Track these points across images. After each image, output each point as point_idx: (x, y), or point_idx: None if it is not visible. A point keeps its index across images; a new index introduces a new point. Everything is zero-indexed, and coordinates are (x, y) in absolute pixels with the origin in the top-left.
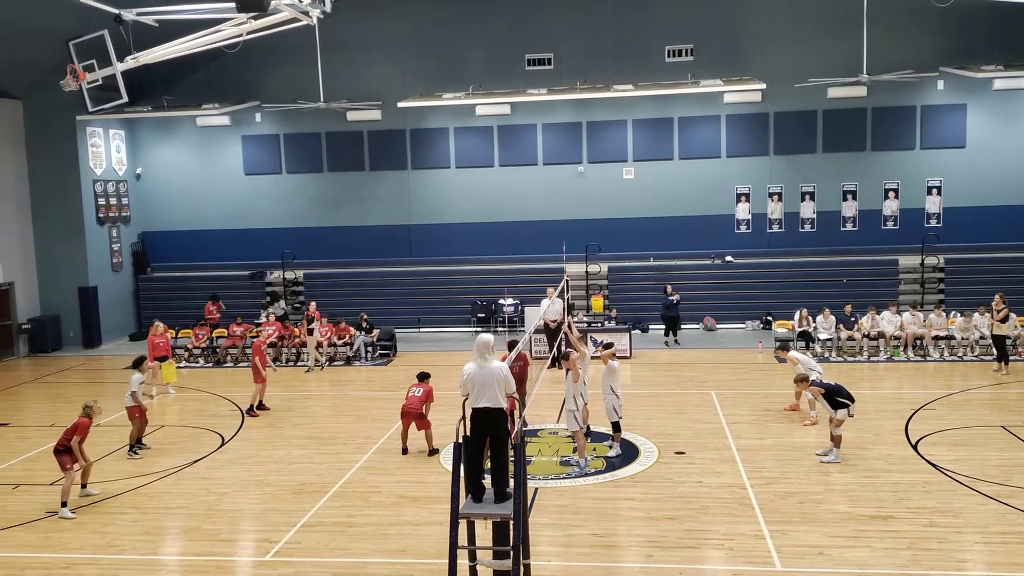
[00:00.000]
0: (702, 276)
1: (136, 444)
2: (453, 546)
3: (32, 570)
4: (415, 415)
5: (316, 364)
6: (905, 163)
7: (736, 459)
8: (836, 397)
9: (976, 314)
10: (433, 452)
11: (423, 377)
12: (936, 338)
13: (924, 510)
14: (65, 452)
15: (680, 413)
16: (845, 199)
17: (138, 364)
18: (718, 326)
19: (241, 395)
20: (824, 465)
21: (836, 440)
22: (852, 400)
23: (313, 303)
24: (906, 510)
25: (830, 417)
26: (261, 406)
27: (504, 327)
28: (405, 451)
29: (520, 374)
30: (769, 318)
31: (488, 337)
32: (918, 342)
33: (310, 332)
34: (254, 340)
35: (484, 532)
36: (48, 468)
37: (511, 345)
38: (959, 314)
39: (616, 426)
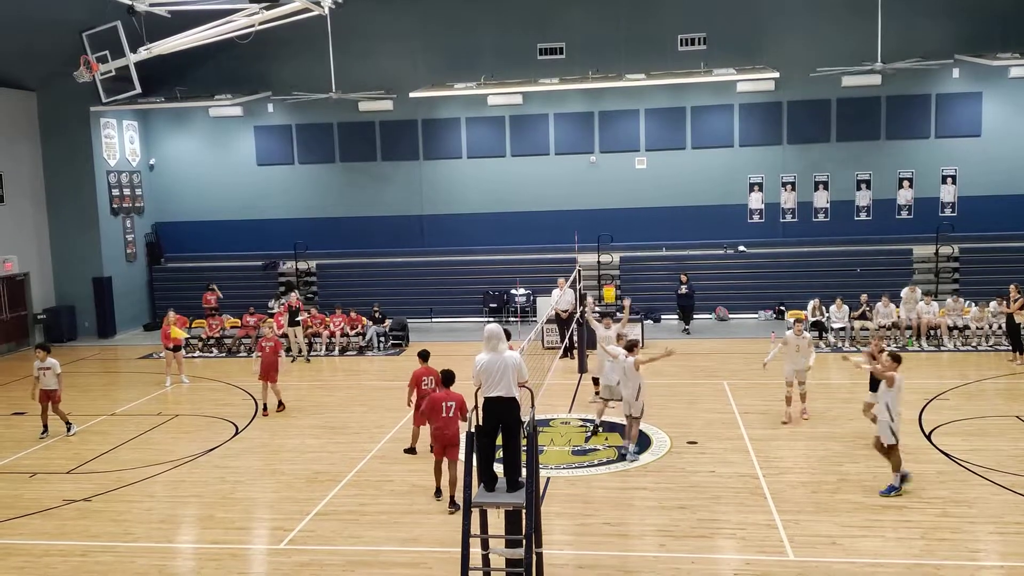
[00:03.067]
0: (715, 266)
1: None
2: (466, 534)
3: (49, 557)
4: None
5: (299, 354)
6: (920, 152)
7: (748, 448)
8: None
9: (993, 303)
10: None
11: (425, 356)
12: (951, 328)
13: (938, 500)
14: None
15: (692, 403)
16: (859, 188)
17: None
18: (730, 316)
19: (255, 385)
20: (837, 455)
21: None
22: None
23: (294, 293)
24: (920, 500)
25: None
26: (273, 404)
27: (516, 317)
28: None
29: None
30: (782, 308)
31: (497, 327)
32: (932, 332)
33: (295, 323)
34: (264, 336)
35: (496, 521)
36: (64, 456)
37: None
38: (973, 304)
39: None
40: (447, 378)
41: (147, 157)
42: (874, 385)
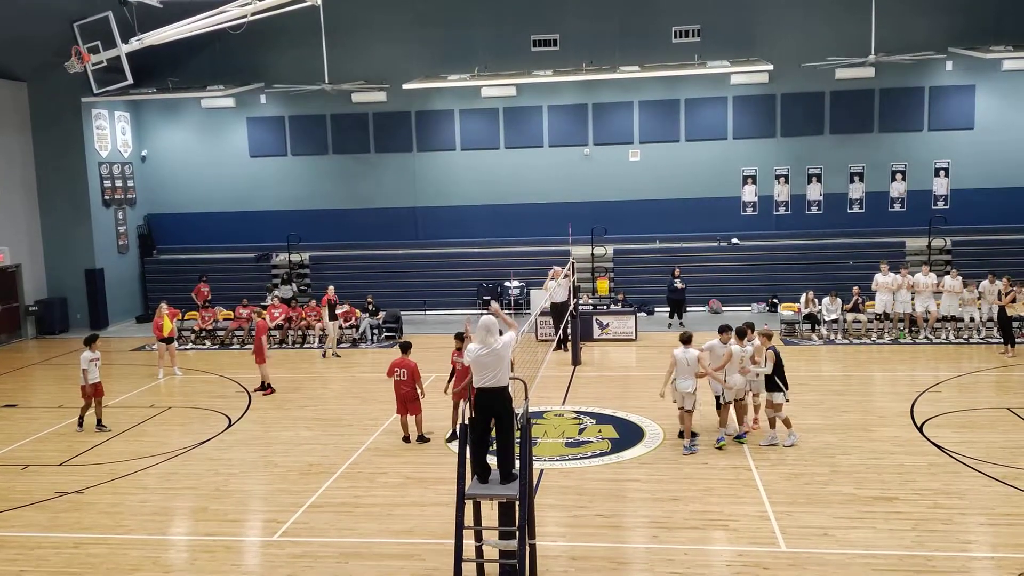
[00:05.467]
0: (708, 258)
1: (81, 421)
2: (459, 526)
3: (41, 550)
4: (410, 398)
5: (336, 346)
6: (913, 145)
7: None
8: (777, 377)
9: (985, 281)
10: (423, 439)
11: (405, 348)
12: (943, 319)
13: (929, 492)
14: None
15: None
16: (852, 181)
17: (89, 342)
18: (724, 309)
19: (248, 377)
20: (829, 447)
21: (773, 422)
22: (787, 387)
23: (331, 287)
24: (911, 492)
25: (768, 401)
26: (267, 386)
27: (510, 309)
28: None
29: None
30: (775, 301)
31: (491, 319)
32: (924, 323)
33: (335, 317)
34: (258, 321)
35: (490, 513)
36: (56, 448)
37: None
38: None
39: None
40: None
41: (139, 148)
42: (771, 384)
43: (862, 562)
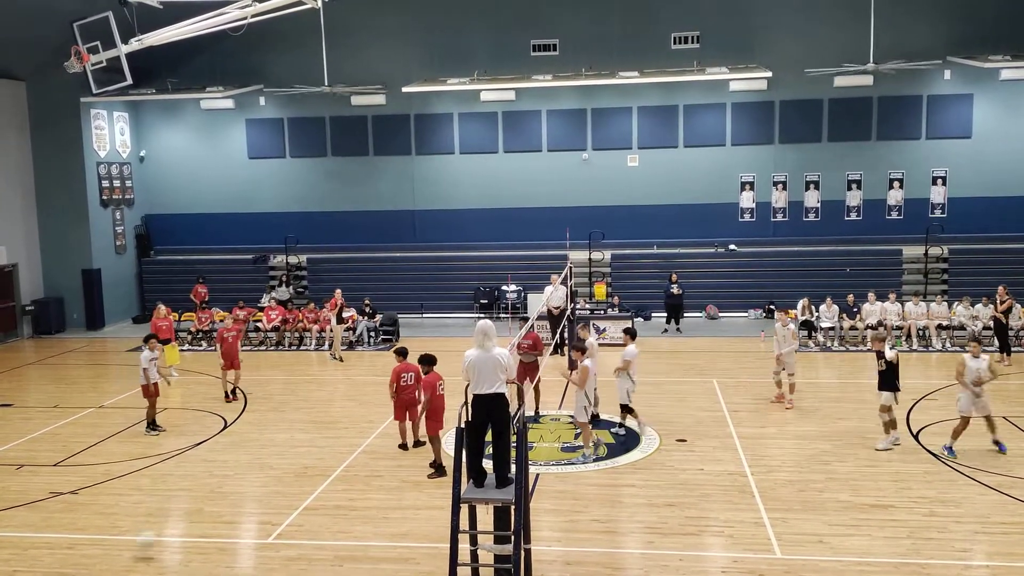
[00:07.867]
0: (705, 264)
1: (151, 424)
2: (454, 530)
3: (36, 550)
4: (412, 403)
5: (340, 350)
6: (910, 153)
7: (737, 447)
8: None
9: (980, 304)
10: (418, 444)
11: (403, 354)
12: (939, 327)
13: (924, 500)
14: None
15: (682, 401)
16: (850, 188)
17: (147, 341)
18: (721, 314)
19: (245, 379)
20: (825, 454)
21: (886, 425)
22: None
23: (339, 291)
24: (907, 499)
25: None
26: (233, 393)
27: (507, 313)
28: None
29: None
30: (772, 307)
31: (488, 323)
32: (922, 332)
33: (340, 320)
34: (226, 327)
35: (485, 517)
36: (51, 449)
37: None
38: (959, 303)
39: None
40: (421, 357)
41: (137, 149)
42: (883, 385)
43: (857, 569)
